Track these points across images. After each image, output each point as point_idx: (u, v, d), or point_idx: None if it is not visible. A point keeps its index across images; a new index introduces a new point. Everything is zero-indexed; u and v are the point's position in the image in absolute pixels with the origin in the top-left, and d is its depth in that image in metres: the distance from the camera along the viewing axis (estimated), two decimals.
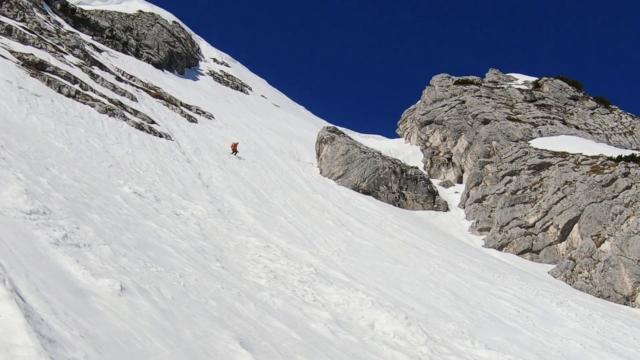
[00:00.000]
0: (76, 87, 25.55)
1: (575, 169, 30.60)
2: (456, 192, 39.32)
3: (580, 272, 24.65)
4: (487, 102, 44.09)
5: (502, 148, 38.12)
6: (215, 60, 72.17)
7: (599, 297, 22.88)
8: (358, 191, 33.95)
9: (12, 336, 4.00)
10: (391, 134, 54.26)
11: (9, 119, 16.74)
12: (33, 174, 10.84)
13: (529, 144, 37.29)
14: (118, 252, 8.36)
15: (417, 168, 39.57)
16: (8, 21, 29.92)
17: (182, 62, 60.12)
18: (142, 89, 35.93)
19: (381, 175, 35.28)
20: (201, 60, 67.80)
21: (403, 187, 35.87)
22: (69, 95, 23.93)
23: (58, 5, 46.82)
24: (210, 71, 65.57)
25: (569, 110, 46.81)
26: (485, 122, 41.27)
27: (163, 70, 53.33)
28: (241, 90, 65.72)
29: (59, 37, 34.58)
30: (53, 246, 7.07)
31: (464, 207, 35.98)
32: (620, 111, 50.39)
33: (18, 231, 6.97)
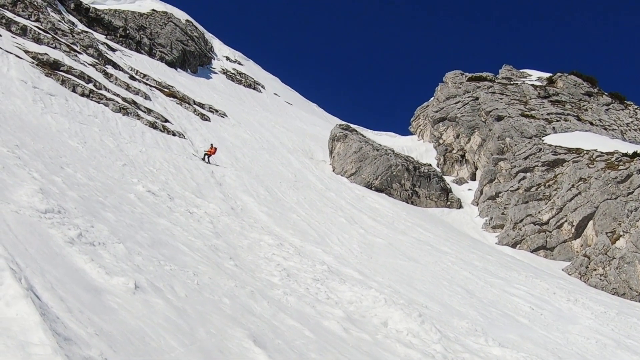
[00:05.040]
0: (90, 86, 25.76)
1: (590, 166, 30.31)
2: (469, 189, 39.13)
3: (595, 270, 24.44)
4: (501, 99, 43.79)
5: (515, 145, 37.85)
6: (228, 58, 72.31)
7: (613, 294, 22.67)
8: (371, 189, 33.89)
9: (28, 334, 4.05)
10: (404, 131, 54.16)
11: (24, 119, 16.92)
12: (48, 173, 10.94)
13: (543, 140, 36.99)
14: (132, 250, 8.42)
15: (430, 165, 39.40)
16: (23, 21, 30.22)
17: (195, 61, 60.34)
18: (156, 87, 36.13)
19: (394, 173, 35.19)
20: (214, 59, 67.99)
21: (416, 185, 35.76)
22: (83, 95, 24.13)
23: (72, 5, 47.17)
24: (223, 69, 65.72)
25: (584, 106, 46.35)
26: (499, 118, 41.00)
27: (176, 69, 53.56)
28: (254, 89, 65.80)
29: (73, 36, 34.86)
30: (68, 245, 7.13)
31: (477, 204, 35.80)
32: (636, 107, 49.81)
33: (33, 230, 7.04)
